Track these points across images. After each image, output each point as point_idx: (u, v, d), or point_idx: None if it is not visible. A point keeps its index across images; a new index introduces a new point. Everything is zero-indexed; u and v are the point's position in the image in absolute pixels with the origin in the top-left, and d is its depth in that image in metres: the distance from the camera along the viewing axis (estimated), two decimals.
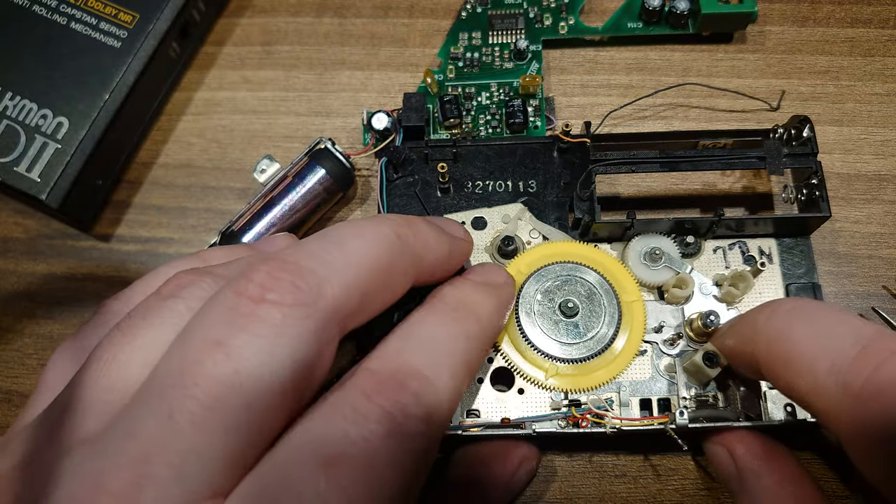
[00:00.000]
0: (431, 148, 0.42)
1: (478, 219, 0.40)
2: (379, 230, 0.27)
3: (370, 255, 0.26)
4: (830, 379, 0.26)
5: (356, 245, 0.26)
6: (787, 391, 0.29)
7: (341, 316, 0.25)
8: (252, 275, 0.24)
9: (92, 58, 0.43)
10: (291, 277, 0.24)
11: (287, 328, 0.23)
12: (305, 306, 0.24)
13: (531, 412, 0.36)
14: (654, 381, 0.37)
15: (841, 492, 0.38)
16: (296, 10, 0.50)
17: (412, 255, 0.28)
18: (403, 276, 0.28)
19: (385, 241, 0.27)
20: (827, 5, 0.48)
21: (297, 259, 0.25)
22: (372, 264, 0.26)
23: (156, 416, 0.22)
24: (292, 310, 0.23)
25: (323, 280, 0.24)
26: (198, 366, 0.22)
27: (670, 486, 0.39)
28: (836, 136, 0.45)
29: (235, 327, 0.23)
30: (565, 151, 0.41)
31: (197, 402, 0.21)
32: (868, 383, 0.25)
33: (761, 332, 0.30)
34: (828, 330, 0.28)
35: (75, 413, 0.24)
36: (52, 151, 0.42)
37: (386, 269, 0.27)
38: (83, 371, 0.25)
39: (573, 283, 0.37)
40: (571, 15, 0.47)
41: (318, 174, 0.41)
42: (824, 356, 0.27)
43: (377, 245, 0.27)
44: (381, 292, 0.27)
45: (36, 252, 0.46)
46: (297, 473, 0.22)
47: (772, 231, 0.39)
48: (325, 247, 0.26)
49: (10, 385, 0.43)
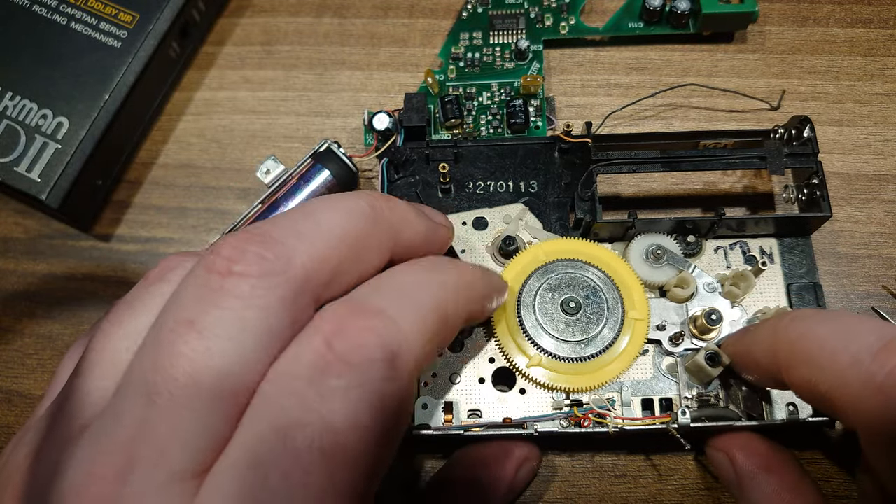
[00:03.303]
0: (432, 148, 0.42)
1: (479, 219, 0.40)
2: (353, 202, 0.27)
3: (342, 226, 0.26)
4: (852, 371, 0.26)
5: (328, 216, 0.26)
6: (808, 389, 0.29)
7: (313, 285, 0.25)
8: (220, 249, 0.24)
9: (92, 58, 0.43)
10: (257, 249, 0.24)
11: (255, 299, 0.23)
12: (273, 275, 0.23)
13: (533, 412, 0.36)
14: (655, 381, 0.37)
15: (842, 492, 0.38)
16: (296, 10, 0.50)
17: (388, 227, 0.28)
18: (378, 249, 0.28)
19: (358, 212, 0.27)
20: (827, 5, 0.48)
21: (264, 230, 0.25)
22: (343, 234, 0.26)
23: (137, 400, 0.22)
24: (260, 280, 0.23)
25: (291, 249, 0.24)
26: (172, 346, 0.22)
27: (670, 485, 0.39)
28: (836, 136, 0.45)
29: (205, 303, 0.23)
30: (566, 152, 0.41)
31: (175, 383, 0.22)
32: (890, 376, 0.25)
33: (782, 334, 0.30)
34: (850, 327, 0.28)
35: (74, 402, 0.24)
36: (53, 151, 0.42)
37: (359, 240, 0.27)
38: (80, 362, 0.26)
39: (576, 282, 0.37)
40: (572, 15, 0.47)
41: (323, 176, 0.41)
42: (846, 350, 0.27)
43: (349, 216, 0.27)
44: (354, 263, 0.26)
45: (36, 252, 0.46)
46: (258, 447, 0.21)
47: (773, 231, 0.39)
48: (297, 218, 0.26)
49: (11, 385, 0.43)
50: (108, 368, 0.25)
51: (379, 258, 0.28)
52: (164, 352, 0.22)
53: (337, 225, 0.26)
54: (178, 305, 0.23)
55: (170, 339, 0.22)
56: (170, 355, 0.22)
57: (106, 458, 0.21)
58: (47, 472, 0.23)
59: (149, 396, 0.22)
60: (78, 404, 0.24)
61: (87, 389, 0.24)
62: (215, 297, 0.23)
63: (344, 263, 0.26)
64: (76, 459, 0.22)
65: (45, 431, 0.25)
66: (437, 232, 0.32)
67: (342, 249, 0.26)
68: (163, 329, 0.23)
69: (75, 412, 0.24)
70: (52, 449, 0.24)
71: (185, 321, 0.22)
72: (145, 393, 0.22)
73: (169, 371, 0.22)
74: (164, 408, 0.21)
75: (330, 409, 0.22)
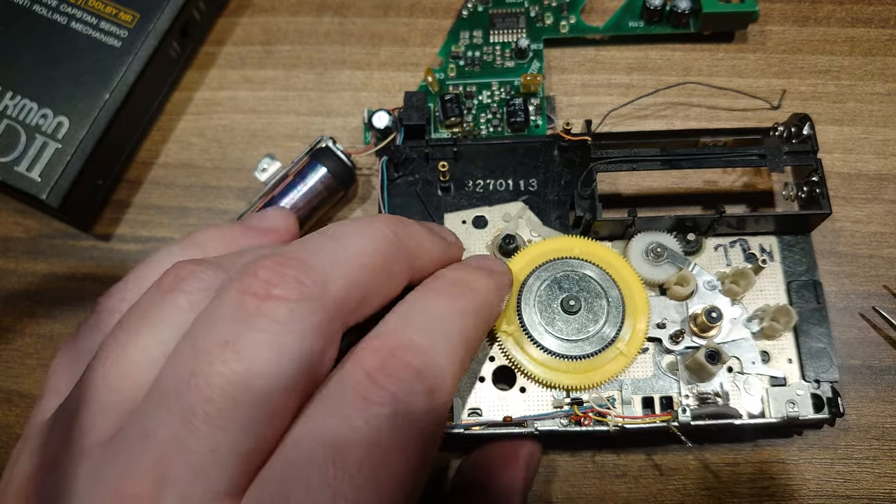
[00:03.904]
0: (432, 147, 0.42)
1: (479, 217, 0.40)
2: (378, 229, 0.28)
3: (371, 253, 0.27)
4: None
5: (358, 242, 0.27)
6: None
7: (344, 311, 0.25)
8: (257, 271, 0.24)
9: (92, 57, 0.43)
10: (295, 273, 0.24)
11: (293, 324, 0.23)
12: (311, 301, 0.24)
13: (533, 411, 0.36)
14: (656, 379, 0.37)
15: (842, 492, 0.38)
16: (296, 9, 0.50)
17: (408, 253, 0.29)
18: (400, 275, 0.28)
19: (384, 240, 0.27)
20: (827, 5, 0.48)
21: (300, 255, 0.25)
22: (372, 262, 0.27)
23: (170, 418, 0.22)
24: (298, 305, 0.23)
25: (327, 276, 0.25)
26: (209, 366, 0.22)
27: (671, 485, 0.39)
28: (836, 136, 0.45)
29: (243, 325, 0.23)
30: (566, 150, 0.41)
31: (211, 403, 0.22)
32: None
33: None
34: None
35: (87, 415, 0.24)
36: (53, 151, 0.42)
37: (385, 267, 0.27)
38: (90, 372, 0.25)
39: (576, 280, 0.37)
40: (573, 14, 0.47)
41: (320, 173, 0.41)
42: None
43: (377, 243, 0.27)
44: (379, 289, 0.27)
45: (36, 252, 0.46)
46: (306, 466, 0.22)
47: (773, 228, 0.39)
48: (328, 243, 0.26)
49: (11, 385, 0.43)
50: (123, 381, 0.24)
51: (399, 284, 0.29)
52: (200, 370, 0.22)
53: (366, 252, 0.27)
54: (213, 324, 0.23)
55: (206, 358, 0.22)
56: (207, 375, 0.22)
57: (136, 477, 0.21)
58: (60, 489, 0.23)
59: (182, 416, 0.22)
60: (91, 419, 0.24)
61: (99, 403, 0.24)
62: (253, 319, 0.23)
63: (371, 288, 0.27)
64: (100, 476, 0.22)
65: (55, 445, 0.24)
66: (451, 253, 0.33)
67: (370, 275, 0.26)
68: (198, 347, 0.23)
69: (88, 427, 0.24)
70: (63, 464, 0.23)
71: (221, 341, 0.23)
72: (178, 412, 0.22)
73: (205, 391, 0.22)
74: (199, 428, 0.21)
75: (380, 434, 0.23)
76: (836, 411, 0.36)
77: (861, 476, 0.38)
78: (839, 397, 0.36)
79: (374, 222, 0.28)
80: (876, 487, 0.38)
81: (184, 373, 0.22)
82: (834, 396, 0.36)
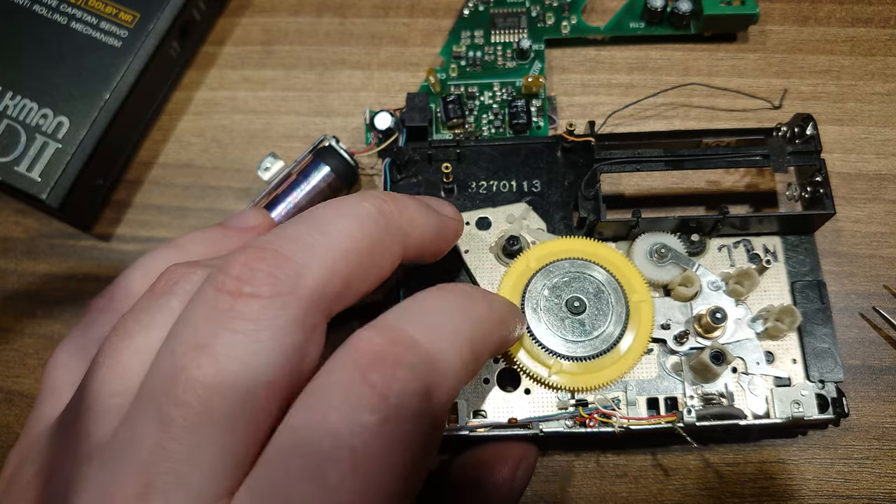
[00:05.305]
0: (435, 148, 0.41)
1: (482, 219, 0.40)
2: (362, 208, 0.27)
3: (352, 236, 0.26)
4: None
5: (337, 226, 0.26)
6: None
7: (325, 301, 0.24)
8: (228, 268, 0.24)
9: (92, 57, 0.43)
10: (268, 267, 0.23)
11: (268, 321, 0.23)
12: (284, 296, 0.23)
13: (538, 412, 0.36)
14: (660, 380, 0.37)
15: (842, 492, 0.38)
16: (296, 9, 0.50)
17: (397, 231, 0.28)
18: (389, 254, 0.27)
19: (367, 219, 0.26)
20: (828, 5, 0.48)
21: (275, 246, 0.24)
22: (354, 245, 0.26)
23: (152, 425, 0.22)
24: (271, 301, 0.23)
25: (302, 267, 0.24)
26: (184, 371, 0.22)
27: (671, 485, 0.39)
28: (837, 136, 0.45)
29: (216, 325, 0.22)
30: (569, 151, 0.41)
31: (188, 409, 0.21)
32: None
33: None
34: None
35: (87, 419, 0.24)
36: (53, 151, 0.42)
37: (369, 249, 0.26)
38: (89, 376, 0.25)
39: (581, 280, 0.37)
40: (574, 14, 0.47)
41: (323, 172, 0.41)
42: None
43: (359, 224, 0.26)
44: (365, 272, 0.26)
45: (36, 252, 0.46)
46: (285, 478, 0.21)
47: (776, 229, 0.39)
48: (305, 230, 0.25)
49: (11, 385, 0.43)
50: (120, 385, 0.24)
51: (390, 263, 0.28)
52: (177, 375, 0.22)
53: (346, 234, 0.25)
54: (189, 327, 0.23)
55: (181, 362, 0.22)
56: (183, 381, 0.22)
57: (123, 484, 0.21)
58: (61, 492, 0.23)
59: (162, 421, 0.21)
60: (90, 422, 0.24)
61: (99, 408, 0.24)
62: (226, 319, 0.22)
63: (355, 273, 0.26)
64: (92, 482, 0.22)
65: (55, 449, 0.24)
66: (447, 226, 0.32)
67: (353, 259, 0.25)
68: (174, 352, 0.22)
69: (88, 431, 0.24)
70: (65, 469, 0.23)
71: (195, 345, 0.22)
72: (158, 418, 0.21)
73: (182, 397, 0.21)
74: (179, 433, 0.21)
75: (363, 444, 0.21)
76: (840, 411, 0.36)
77: (861, 476, 0.39)
78: (844, 397, 0.36)
79: (357, 201, 0.27)
80: (876, 487, 0.38)
81: (163, 377, 0.22)
82: (839, 396, 0.36)
